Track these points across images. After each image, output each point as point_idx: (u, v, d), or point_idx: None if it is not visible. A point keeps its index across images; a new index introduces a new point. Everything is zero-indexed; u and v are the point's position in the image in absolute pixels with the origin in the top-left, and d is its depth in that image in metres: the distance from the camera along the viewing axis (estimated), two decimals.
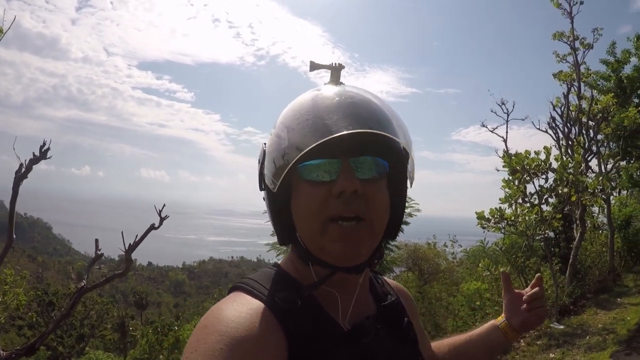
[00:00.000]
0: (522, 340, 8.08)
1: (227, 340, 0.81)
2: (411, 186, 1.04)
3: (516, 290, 1.43)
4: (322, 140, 0.86)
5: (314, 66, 1.04)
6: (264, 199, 1.02)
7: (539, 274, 1.46)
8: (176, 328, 18.48)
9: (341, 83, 1.01)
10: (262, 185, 1.00)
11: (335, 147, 0.89)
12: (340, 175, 0.89)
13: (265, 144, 1.00)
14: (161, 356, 17.71)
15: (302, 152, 0.87)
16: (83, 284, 6.36)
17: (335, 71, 1.03)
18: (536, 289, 1.39)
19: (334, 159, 0.91)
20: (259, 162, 1.01)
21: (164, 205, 7.07)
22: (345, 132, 0.86)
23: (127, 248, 6.52)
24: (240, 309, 0.88)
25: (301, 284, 0.98)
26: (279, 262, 1.08)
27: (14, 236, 5.72)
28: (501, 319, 1.43)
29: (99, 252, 6.85)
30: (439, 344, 1.43)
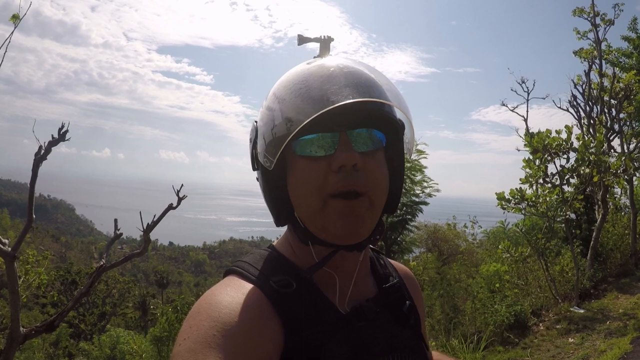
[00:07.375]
0: (541, 324, 8.03)
1: (219, 326, 0.80)
2: (410, 157, 0.98)
3: None
4: (327, 109, 0.82)
5: (302, 40, 1.01)
6: (257, 179, 0.99)
7: None
8: None
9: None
10: (255, 164, 0.97)
11: (331, 119, 0.86)
12: (339, 149, 0.86)
13: (256, 121, 0.96)
14: None
15: (305, 122, 0.82)
16: (102, 263, 6.52)
17: (325, 43, 1.00)
18: None
19: (328, 133, 0.87)
20: (250, 141, 0.98)
21: (182, 185, 7.22)
22: (351, 101, 0.83)
23: (145, 228, 6.65)
24: (233, 294, 0.86)
25: (298, 266, 0.95)
26: (274, 243, 1.05)
27: (34, 216, 5.88)
28: None
29: (118, 232, 7.13)
30: None
